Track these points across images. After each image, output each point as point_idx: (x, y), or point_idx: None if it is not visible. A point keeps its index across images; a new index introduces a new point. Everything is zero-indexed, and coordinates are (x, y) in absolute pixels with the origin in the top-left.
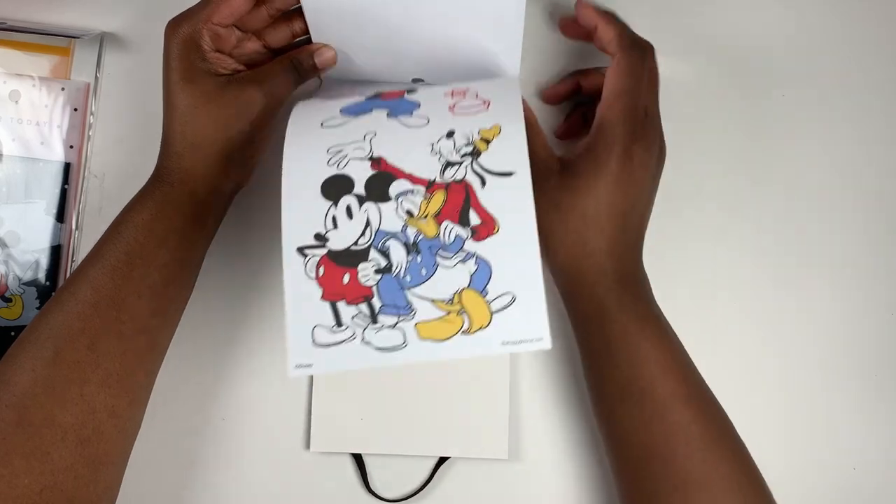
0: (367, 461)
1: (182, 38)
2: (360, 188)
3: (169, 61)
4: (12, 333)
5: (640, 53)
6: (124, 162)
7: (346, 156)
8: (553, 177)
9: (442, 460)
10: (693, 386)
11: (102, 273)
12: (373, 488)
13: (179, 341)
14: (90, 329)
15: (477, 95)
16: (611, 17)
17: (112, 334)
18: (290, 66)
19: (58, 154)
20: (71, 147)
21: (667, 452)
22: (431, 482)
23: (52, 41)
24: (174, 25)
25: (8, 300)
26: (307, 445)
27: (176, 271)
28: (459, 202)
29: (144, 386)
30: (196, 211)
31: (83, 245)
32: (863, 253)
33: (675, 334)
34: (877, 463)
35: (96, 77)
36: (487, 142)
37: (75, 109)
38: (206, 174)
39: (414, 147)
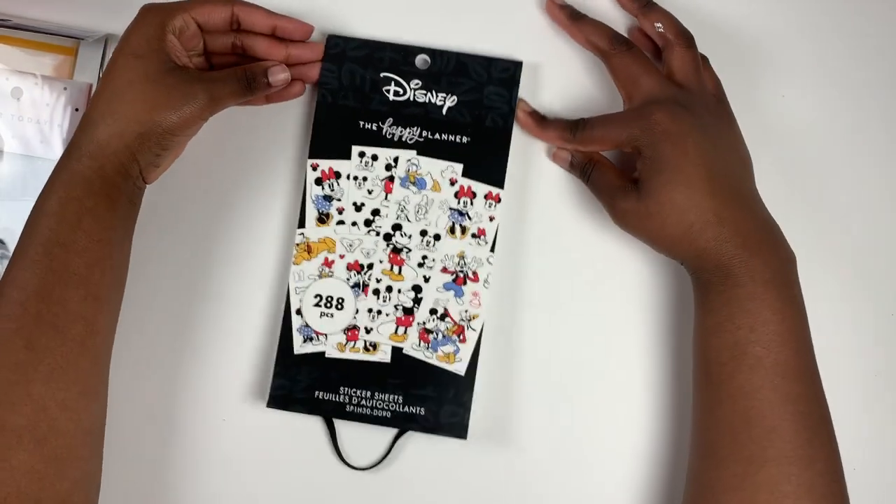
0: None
1: (149, 18)
2: None
3: (127, 36)
4: None
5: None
6: None
7: None
8: (632, 194)
9: (401, 432)
10: (806, 361)
11: (24, 270)
12: (343, 455)
13: (179, 341)
14: (23, 328)
15: None
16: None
17: (46, 328)
18: (243, 76)
19: (57, 153)
20: None
21: (772, 423)
22: (391, 453)
23: (57, 41)
24: (147, 7)
25: None
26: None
27: (98, 253)
28: None
29: (93, 374)
30: (105, 189)
31: None
32: (863, 253)
33: (802, 304)
34: (878, 463)
35: (98, 78)
36: None
37: (76, 110)
38: (116, 150)
39: None
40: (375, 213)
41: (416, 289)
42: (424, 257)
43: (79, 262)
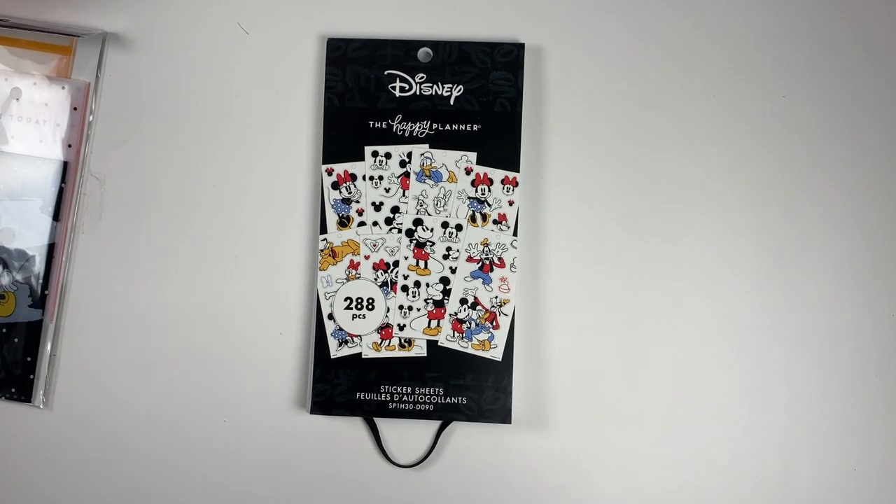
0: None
1: None
2: None
3: None
4: (3, 330)
5: None
6: (125, 165)
7: None
8: None
9: (445, 424)
10: None
11: None
12: (388, 454)
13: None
14: None
15: None
16: None
17: None
18: None
19: (56, 153)
20: (69, 146)
21: None
22: (437, 447)
23: (54, 40)
24: None
25: (1, 297)
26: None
27: None
28: None
29: None
30: None
31: (82, 248)
32: (864, 254)
33: None
34: (878, 464)
35: (97, 77)
36: None
37: (75, 108)
38: None
39: None
40: (395, 210)
41: (444, 281)
42: (449, 249)
43: None
